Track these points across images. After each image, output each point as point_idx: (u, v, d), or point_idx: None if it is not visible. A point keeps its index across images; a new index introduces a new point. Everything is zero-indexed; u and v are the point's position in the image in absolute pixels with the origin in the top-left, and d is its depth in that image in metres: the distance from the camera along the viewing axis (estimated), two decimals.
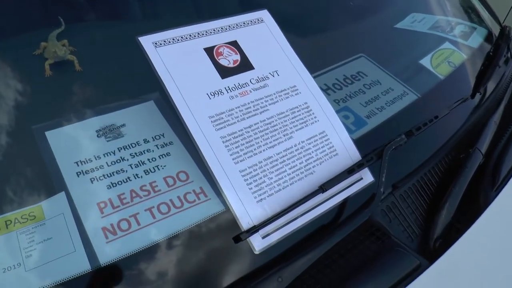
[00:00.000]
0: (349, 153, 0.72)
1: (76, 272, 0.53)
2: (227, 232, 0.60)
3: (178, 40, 0.69)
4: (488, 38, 1.15)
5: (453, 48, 1.05)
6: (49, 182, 0.60)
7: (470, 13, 1.25)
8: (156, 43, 0.68)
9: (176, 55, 0.68)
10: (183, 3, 0.92)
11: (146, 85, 0.73)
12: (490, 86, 1.00)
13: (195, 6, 0.94)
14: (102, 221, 0.58)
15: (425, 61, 0.99)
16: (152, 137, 0.68)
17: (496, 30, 1.20)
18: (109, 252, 0.55)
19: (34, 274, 0.53)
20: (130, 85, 0.75)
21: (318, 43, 0.93)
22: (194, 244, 0.59)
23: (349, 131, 0.76)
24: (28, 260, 0.53)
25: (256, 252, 0.59)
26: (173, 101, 0.64)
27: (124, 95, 0.73)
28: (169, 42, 0.69)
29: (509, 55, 1.07)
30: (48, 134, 0.65)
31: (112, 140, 0.67)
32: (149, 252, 0.57)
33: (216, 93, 0.68)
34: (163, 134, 0.69)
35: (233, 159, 0.63)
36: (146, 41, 0.67)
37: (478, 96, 0.94)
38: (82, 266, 0.53)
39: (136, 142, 0.67)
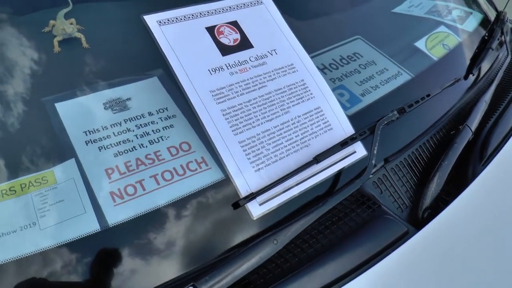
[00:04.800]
0: (343, 128, 0.75)
1: (86, 232, 0.57)
2: (227, 199, 0.64)
3: (181, 19, 0.73)
4: (483, 22, 1.18)
5: (448, 32, 1.08)
6: (60, 149, 0.64)
7: None
8: (160, 22, 0.71)
9: (179, 33, 0.71)
10: None
11: (150, 62, 0.77)
12: (484, 68, 1.03)
13: None
14: (110, 186, 0.62)
15: (420, 44, 1.02)
16: (156, 110, 0.72)
17: (491, 15, 1.22)
18: (116, 214, 0.59)
19: (48, 233, 0.57)
20: (135, 61, 0.79)
21: (316, 25, 0.96)
22: (195, 210, 0.63)
23: (344, 107, 0.79)
24: (42, 220, 0.58)
25: (254, 218, 0.63)
26: (176, 77, 0.68)
27: (129, 71, 0.77)
28: (173, 21, 0.72)
29: (502, 38, 1.10)
30: (58, 105, 0.69)
31: (118, 112, 0.71)
32: (154, 216, 0.61)
33: (217, 69, 0.71)
34: (166, 108, 0.72)
35: (232, 131, 0.67)
36: (151, 20, 0.70)
37: (471, 77, 0.98)
38: (92, 226, 0.58)
39: (141, 115, 0.71)
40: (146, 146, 0.67)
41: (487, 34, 1.06)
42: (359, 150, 0.75)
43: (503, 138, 0.85)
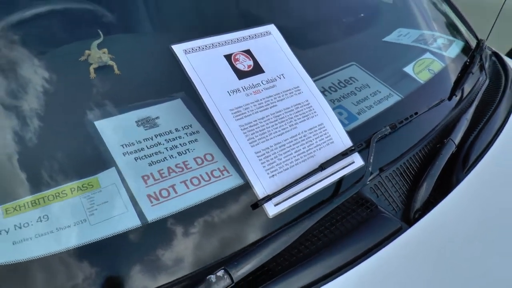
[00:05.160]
0: (343, 141, 0.87)
1: (129, 227, 0.67)
2: (246, 201, 0.75)
3: (203, 48, 0.85)
4: (465, 49, 1.31)
5: (433, 58, 1.22)
6: (102, 160, 0.75)
7: (450, 27, 1.42)
8: (186, 50, 0.83)
9: (202, 60, 0.83)
10: (207, 18, 1.08)
11: (174, 86, 0.89)
12: (465, 90, 1.15)
13: (217, 20, 1.10)
14: (146, 190, 0.72)
15: (408, 69, 1.15)
16: (182, 127, 0.83)
17: (472, 43, 1.36)
18: (154, 213, 0.69)
19: (97, 228, 0.67)
20: (161, 85, 0.90)
21: (317, 53, 1.08)
22: (220, 209, 0.74)
23: (343, 124, 0.91)
24: (91, 217, 0.68)
25: (270, 216, 0.74)
26: (201, 97, 0.79)
27: (156, 94, 0.88)
28: (196, 49, 0.84)
29: (481, 64, 1.24)
30: (97, 123, 0.80)
31: (149, 129, 0.82)
32: (186, 214, 0.71)
33: (235, 91, 0.83)
34: (190, 125, 0.84)
35: (250, 143, 0.78)
36: (178, 49, 0.82)
37: (454, 98, 1.10)
38: (134, 222, 0.68)
39: (169, 131, 0.82)
40: (175, 157, 0.78)
41: (468, 60, 1.20)
42: (357, 161, 0.86)
43: (482, 151, 0.97)
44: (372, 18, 1.36)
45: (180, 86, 0.88)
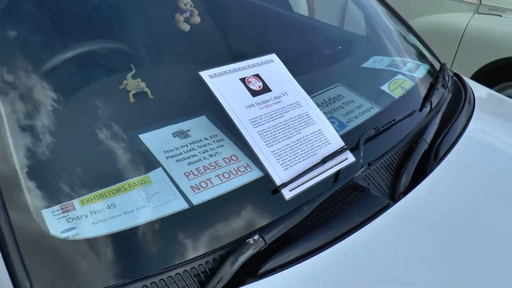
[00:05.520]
0: (337, 143, 1.08)
1: (179, 209, 0.86)
2: (267, 188, 0.95)
3: (223, 73, 1.07)
4: (430, 71, 1.57)
5: (405, 78, 1.46)
6: (150, 163, 0.94)
7: (417, 54, 1.68)
8: (210, 75, 1.05)
9: (223, 82, 1.05)
10: (221, 50, 1.31)
11: (198, 106, 1.10)
12: (433, 102, 1.39)
13: (232, 51, 1.33)
14: (189, 182, 0.92)
15: (385, 87, 1.39)
16: (209, 136, 1.03)
17: (437, 66, 1.62)
18: (197, 198, 0.89)
19: (155, 210, 0.86)
20: (187, 106, 1.11)
21: (310, 76, 1.31)
22: (247, 195, 0.93)
23: (336, 130, 1.12)
24: (149, 203, 0.87)
25: (286, 199, 0.93)
26: (226, 111, 1.00)
27: (184, 112, 1.09)
28: (218, 75, 1.06)
29: (445, 81, 1.49)
30: (141, 136, 1.00)
31: (183, 139, 1.02)
32: (220, 199, 0.90)
33: (251, 106, 1.04)
34: (215, 134, 1.04)
35: (266, 145, 0.99)
36: (205, 74, 1.04)
37: (424, 109, 1.34)
38: (182, 205, 0.87)
39: (200, 139, 1.02)
40: (208, 158, 0.98)
41: (434, 79, 1.45)
42: (349, 157, 1.07)
43: (449, 147, 1.20)
44: (351, 48, 1.62)
45: (203, 106, 1.09)
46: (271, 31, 1.64)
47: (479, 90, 1.59)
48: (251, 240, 0.82)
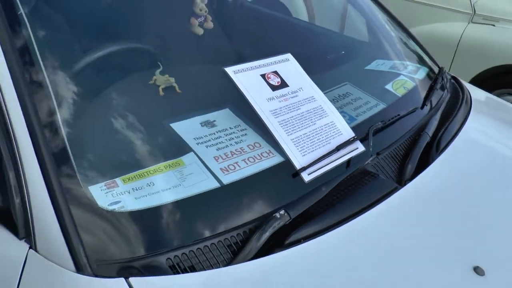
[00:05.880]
0: (348, 133, 1.19)
1: (211, 187, 0.96)
2: (288, 172, 1.05)
3: (246, 69, 1.17)
4: (429, 74, 1.69)
5: (406, 79, 1.58)
6: (183, 148, 1.04)
7: (417, 58, 1.80)
8: (235, 71, 1.15)
9: (246, 78, 1.15)
10: (242, 50, 1.43)
11: (222, 99, 1.20)
12: (433, 101, 1.51)
13: (254, 50, 1.45)
14: (219, 165, 1.02)
15: (389, 86, 1.50)
16: (233, 126, 1.14)
17: (435, 69, 1.74)
18: (227, 179, 0.99)
19: (189, 189, 0.95)
20: (214, 99, 1.22)
21: (320, 75, 1.42)
22: (269, 177, 1.03)
23: (347, 122, 1.23)
24: (183, 182, 0.96)
25: (305, 182, 1.03)
26: (250, 103, 1.11)
27: (211, 105, 1.19)
28: (241, 71, 1.16)
29: (443, 82, 1.60)
30: (173, 125, 1.10)
31: (210, 128, 1.12)
32: (247, 180, 1.00)
33: (271, 98, 1.15)
34: (239, 125, 1.14)
35: (286, 133, 1.09)
36: (230, 70, 1.15)
37: (426, 107, 1.45)
38: (214, 184, 0.97)
39: (225, 128, 1.12)
40: (233, 145, 1.08)
41: (433, 81, 1.57)
42: (360, 147, 1.18)
43: (449, 141, 1.31)
44: (355, 52, 1.74)
45: (226, 99, 1.20)
46: (280, 37, 1.76)
47: (474, 91, 1.71)
48: (277, 215, 0.92)
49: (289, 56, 1.29)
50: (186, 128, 1.10)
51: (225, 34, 1.66)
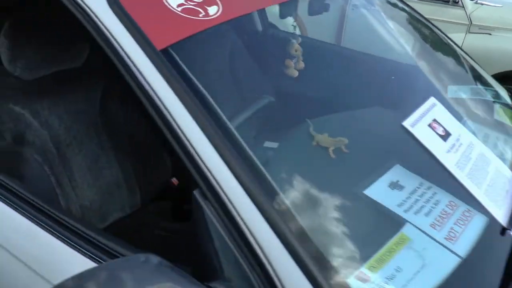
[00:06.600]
0: None
1: (455, 262, 0.91)
2: (495, 230, 1.02)
3: (417, 121, 1.13)
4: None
5: (502, 106, 1.60)
6: (393, 219, 0.97)
7: (483, 80, 1.84)
8: (411, 125, 1.10)
9: (421, 130, 1.11)
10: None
11: (391, 154, 1.15)
12: None
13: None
14: (440, 233, 0.96)
15: (497, 116, 1.52)
16: (418, 185, 1.08)
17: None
18: (459, 249, 0.94)
19: (438, 268, 0.89)
20: (381, 154, 1.16)
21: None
22: (488, 239, 1.00)
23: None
24: (425, 260, 0.90)
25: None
26: (436, 158, 1.06)
27: (379, 162, 1.13)
28: (416, 122, 1.12)
29: None
30: (366, 192, 1.03)
31: (400, 190, 1.06)
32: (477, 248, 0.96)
33: (448, 150, 1.11)
34: (421, 182, 1.09)
35: (477, 186, 1.07)
36: (407, 124, 1.09)
37: None
38: (455, 258, 0.91)
39: (414, 190, 1.06)
40: (435, 208, 1.03)
41: None
42: None
43: None
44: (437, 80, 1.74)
45: (395, 154, 1.15)
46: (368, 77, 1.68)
47: None
48: None
49: (434, 100, 1.26)
50: (380, 194, 1.03)
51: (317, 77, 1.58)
